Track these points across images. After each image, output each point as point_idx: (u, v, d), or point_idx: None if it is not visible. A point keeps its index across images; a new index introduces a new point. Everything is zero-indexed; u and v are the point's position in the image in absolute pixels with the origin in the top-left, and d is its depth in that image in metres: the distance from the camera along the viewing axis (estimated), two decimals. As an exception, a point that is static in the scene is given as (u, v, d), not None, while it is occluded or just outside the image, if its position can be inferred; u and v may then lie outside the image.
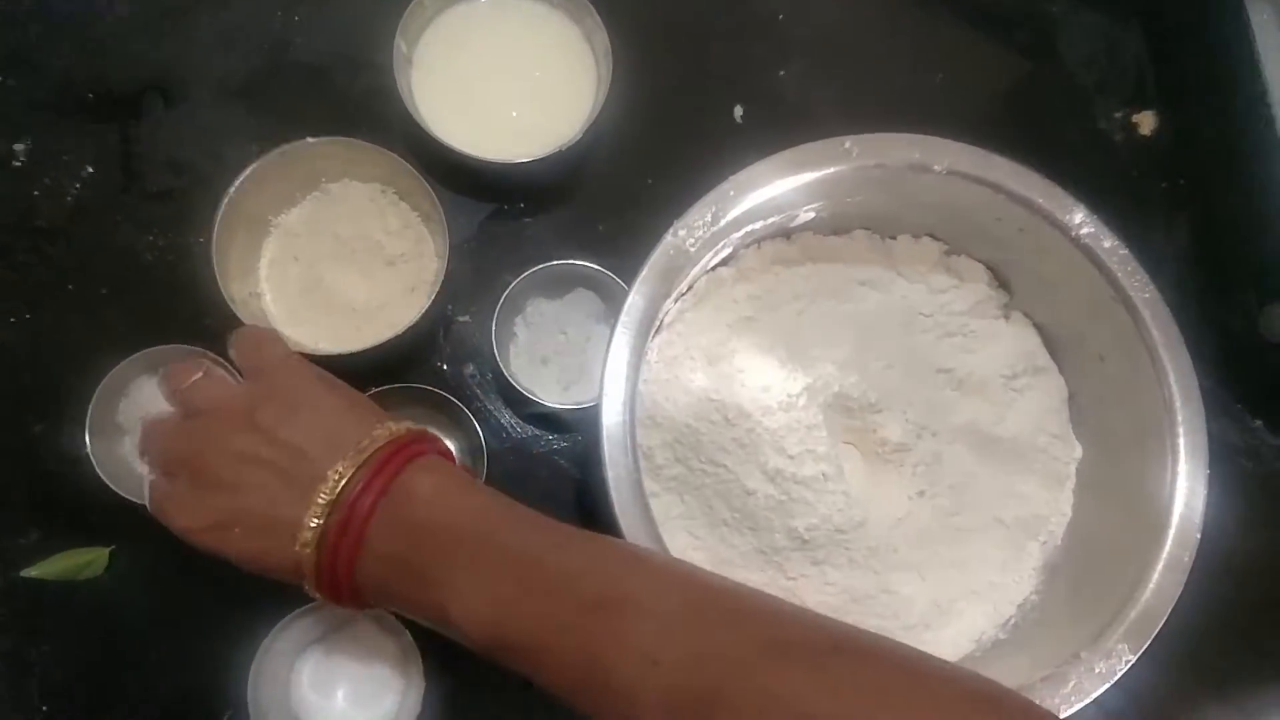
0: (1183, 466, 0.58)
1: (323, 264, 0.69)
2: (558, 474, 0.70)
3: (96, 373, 0.68)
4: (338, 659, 0.64)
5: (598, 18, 0.70)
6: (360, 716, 0.63)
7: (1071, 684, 0.54)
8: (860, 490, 0.65)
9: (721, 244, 0.62)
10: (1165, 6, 0.83)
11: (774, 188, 0.59)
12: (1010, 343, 0.68)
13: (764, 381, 0.65)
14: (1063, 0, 0.83)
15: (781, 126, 0.76)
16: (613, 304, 0.70)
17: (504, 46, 0.73)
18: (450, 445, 0.68)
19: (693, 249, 0.58)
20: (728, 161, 0.62)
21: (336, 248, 0.69)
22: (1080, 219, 0.60)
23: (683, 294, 0.65)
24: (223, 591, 0.62)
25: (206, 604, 0.62)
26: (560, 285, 0.70)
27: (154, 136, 0.72)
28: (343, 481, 0.48)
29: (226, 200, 0.64)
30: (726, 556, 0.63)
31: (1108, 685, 0.54)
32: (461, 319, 0.71)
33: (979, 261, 0.68)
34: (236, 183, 0.64)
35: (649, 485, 0.61)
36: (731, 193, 0.59)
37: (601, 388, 0.55)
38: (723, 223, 0.59)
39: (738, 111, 0.77)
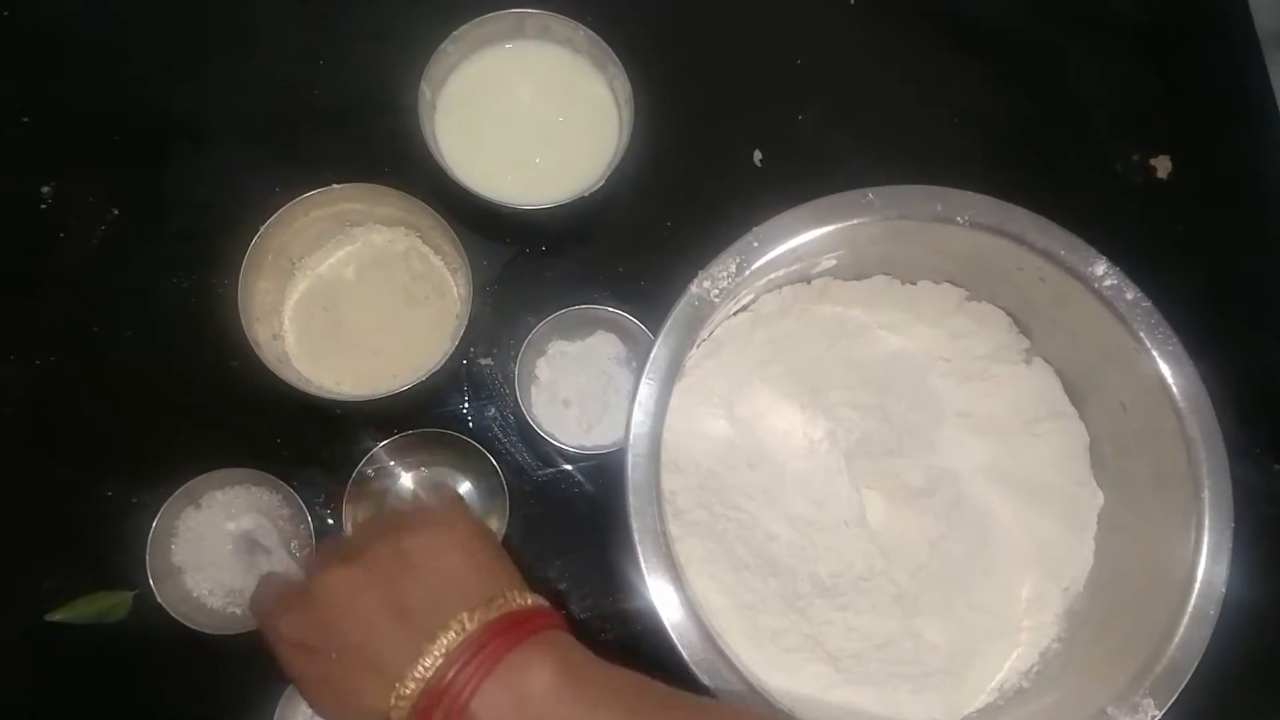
0: (1208, 519, 0.58)
1: (346, 307, 0.69)
2: (580, 517, 0.70)
3: (121, 416, 0.69)
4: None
5: (620, 65, 0.70)
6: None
7: None
8: (883, 535, 0.65)
9: (744, 291, 0.62)
10: (1180, 49, 0.83)
11: (797, 239, 0.60)
12: (1031, 387, 0.68)
13: (785, 426, 0.65)
14: (1079, 42, 0.83)
15: (800, 170, 0.77)
16: (633, 346, 0.70)
17: (527, 92, 0.73)
18: (470, 487, 0.69)
19: (716, 299, 0.59)
20: (747, 205, 0.63)
21: (360, 291, 0.69)
22: (1103, 271, 0.61)
23: (703, 340, 0.65)
24: (245, 637, 0.62)
25: (229, 649, 0.62)
26: (582, 328, 0.70)
27: (179, 179, 0.73)
28: (434, 666, 0.44)
29: (253, 242, 0.64)
30: (749, 601, 0.63)
31: None
32: (484, 361, 0.72)
33: (1000, 308, 0.68)
34: (264, 226, 0.65)
35: (673, 529, 0.62)
36: (755, 244, 0.60)
37: (627, 436, 0.56)
38: (747, 273, 0.59)
39: (757, 156, 0.78)
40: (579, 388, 0.70)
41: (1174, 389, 0.60)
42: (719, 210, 0.74)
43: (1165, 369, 0.60)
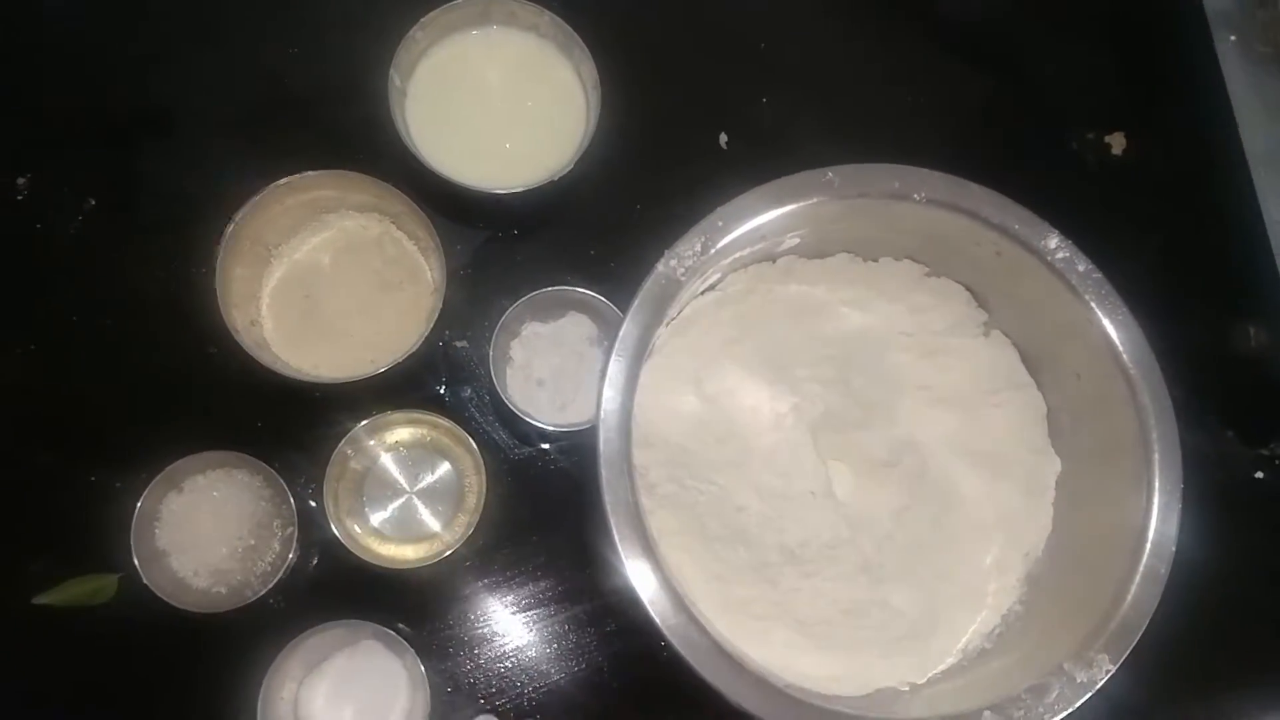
0: (1158, 482, 0.61)
1: (322, 292, 0.70)
2: (556, 493, 0.72)
3: (103, 403, 0.70)
4: (345, 679, 0.65)
5: (586, 50, 0.72)
6: (367, 733, 0.64)
7: (1055, 694, 0.57)
8: (849, 506, 0.67)
9: (710, 270, 0.64)
10: (1132, 31, 0.86)
11: (760, 218, 0.62)
12: (989, 360, 0.70)
13: (753, 402, 0.67)
14: (1036, 24, 0.85)
15: (765, 152, 0.78)
16: (605, 327, 0.72)
17: (496, 78, 0.75)
18: (448, 466, 0.70)
19: (683, 277, 0.60)
20: (713, 187, 0.64)
21: (335, 276, 0.71)
22: (1055, 244, 0.63)
23: (672, 319, 0.67)
24: (232, 615, 0.63)
25: (215, 627, 0.63)
26: (554, 309, 0.72)
27: (154, 169, 0.74)
28: None
29: (230, 230, 0.66)
30: (719, 571, 0.64)
31: (1089, 694, 0.57)
32: (459, 344, 0.73)
33: (958, 283, 0.70)
34: (239, 213, 0.66)
35: (644, 503, 0.63)
36: (720, 223, 0.61)
37: (598, 413, 0.57)
38: (712, 251, 0.61)
39: (722, 138, 0.79)
40: (552, 368, 0.71)
41: (1124, 356, 0.62)
42: (686, 192, 0.75)
43: (1116, 337, 0.62)
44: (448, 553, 0.65)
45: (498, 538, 0.70)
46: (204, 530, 0.66)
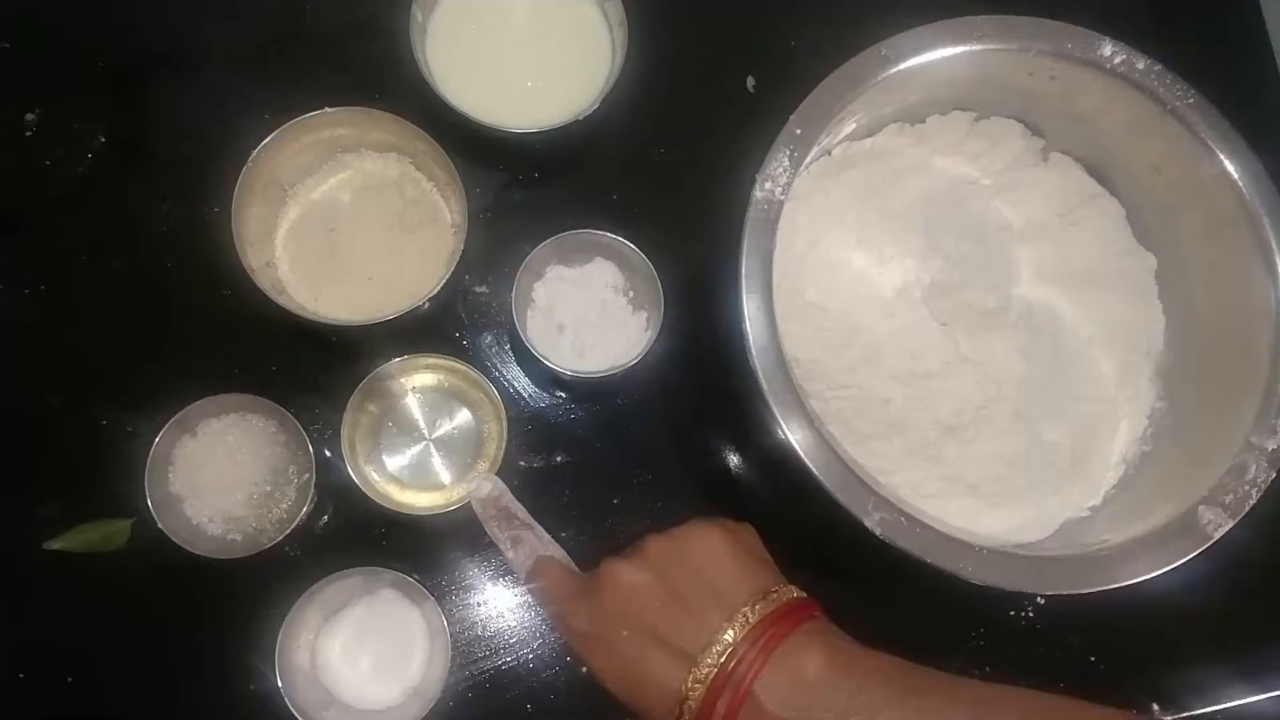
0: (1273, 241, 0.61)
1: (339, 233, 0.69)
2: (577, 442, 0.70)
3: (113, 345, 0.68)
4: (364, 627, 0.64)
5: (612, -13, 0.70)
6: (387, 682, 0.63)
7: (1254, 468, 0.58)
8: (982, 361, 0.68)
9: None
10: None
11: (832, 115, 0.61)
12: (1056, 182, 0.71)
13: (861, 294, 0.68)
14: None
15: (791, 93, 0.75)
16: (631, 274, 0.70)
17: (519, 15, 0.72)
18: (470, 416, 0.69)
19: (781, 196, 0.60)
20: (739, 131, 0.63)
21: (353, 217, 0.69)
22: (1110, 50, 0.63)
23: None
24: (248, 561, 0.62)
25: (231, 574, 0.62)
26: (579, 254, 0.70)
27: (167, 105, 0.72)
28: (725, 652, 0.48)
29: (245, 168, 0.64)
30: (881, 466, 0.65)
31: None
32: (479, 289, 0.71)
33: (1008, 118, 0.70)
34: (255, 151, 0.64)
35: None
36: (799, 131, 0.60)
37: (750, 353, 0.56)
38: (800, 163, 0.60)
39: (750, 82, 0.77)
40: (574, 313, 0.70)
41: (1206, 136, 0.62)
42: (712, 137, 0.74)
43: (1194, 118, 0.62)
44: (465, 500, 0.64)
45: (518, 486, 0.69)
46: (219, 476, 0.64)
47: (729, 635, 0.48)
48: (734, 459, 0.72)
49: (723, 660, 0.48)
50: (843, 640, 0.50)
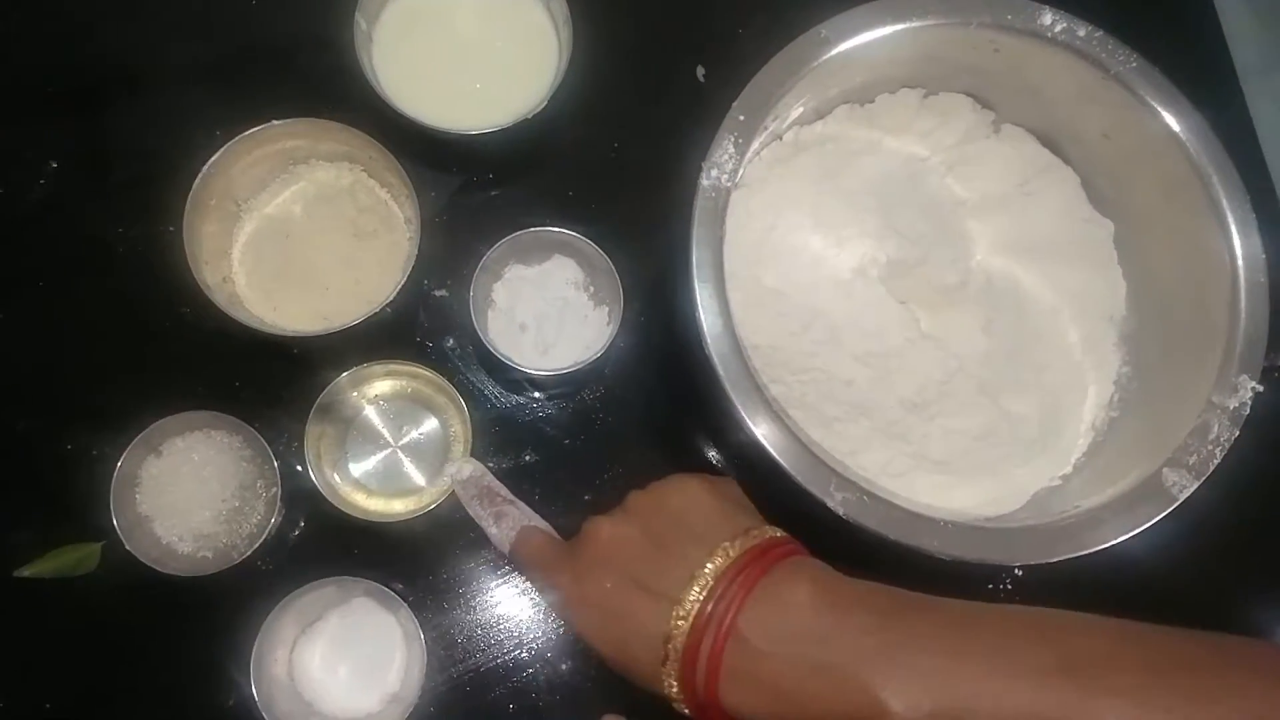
0: (1225, 202, 0.61)
1: (295, 245, 0.69)
2: (546, 441, 0.70)
3: (76, 368, 0.68)
4: (340, 636, 0.64)
5: (555, -16, 0.70)
6: (366, 690, 0.63)
7: (1216, 428, 0.58)
8: (943, 337, 0.68)
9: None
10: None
11: (775, 99, 0.61)
12: (1009, 153, 0.71)
13: (816, 277, 0.68)
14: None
15: (741, 81, 0.75)
16: (589, 269, 0.70)
17: (464, 18, 0.72)
18: (435, 421, 0.69)
19: (728, 183, 0.59)
20: (691, 121, 0.63)
21: (308, 227, 0.69)
22: (1050, 19, 0.63)
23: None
24: (220, 577, 0.62)
25: (204, 590, 0.62)
26: (537, 252, 0.70)
27: (118, 126, 0.72)
28: (706, 588, 0.47)
29: (195, 186, 0.64)
30: (849, 448, 0.65)
31: (1244, 417, 0.58)
32: (438, 293, 0.71)
33: (958, 93, 0.70)
34: (204, 168, 0.64)
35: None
36: (742, 118, 0.60)
37: (705, 342, 0.56)
38: (748, 150, 0.60)
39: (700, 72, 0.77)
40: (536, 311, 0.70)
41: (1151, 98, 0.62)
42: (664, 129, 0.74)
43: (1138, 81, 0.62)
44: (435, 504, 0.64)
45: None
46: (186, 494, 0.64)
47: (709, 569, 0.48)
48: (703, 447, 0.72)
49: (703, 596, 0.47)
50: (827, 572, 0.49)
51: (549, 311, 0.70)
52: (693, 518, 0.51)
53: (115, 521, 0.62)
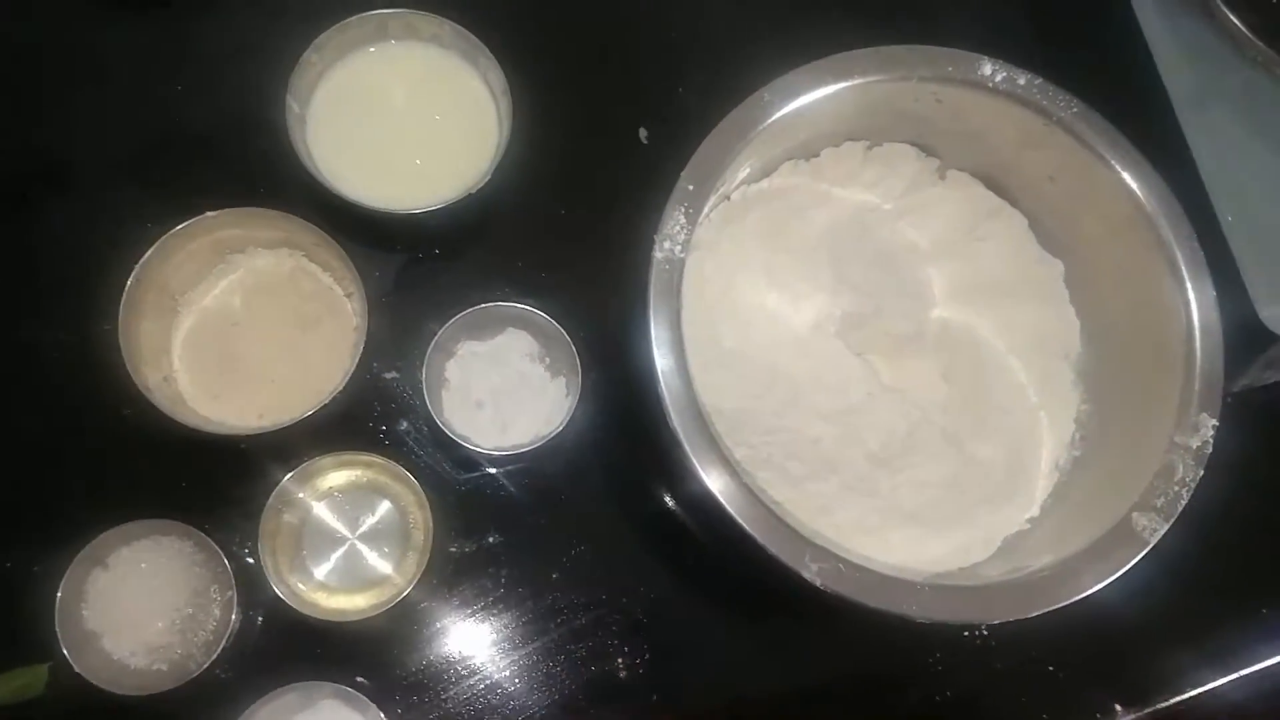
0: (1171, 237, 0.62)
1: (237, 338, 0.67)
2: (509, 521, 0.69)
3: (12, 481, 0.66)
4: (307, 745, 0.61)
5: (491, 56, 0.69)
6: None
7: (1181, 469, 0.58)
8: (905, 389, 0.68)
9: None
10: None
11: (723, 165, 0.61)
12: (957, 199, 0.71)
13: (775, 338, 0.68)
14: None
15: (685, 141, 0.75)
16: (545, 341, 0.69)
17: (399, 94, 0.71)
18: (390, 505, 0.66)
19: (681, 253, 0.59)
20: (637, 183, 0.62)
21: (249, 319, 0.67)
22: (990, 69, 0.64)
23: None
24: (176, 694, 0.59)
25: (160, 710, 0.59)
26: (489, 327, 0.69)
27: (45, 227, 0.70)
28: None
29: (129, 284, 0.62)
30: (822, 505, 0.64)
31: (1207, 456, 0.58)
32: (389, 375, 0.69)
33: (902, 143, 0.70)
34: (137, 266, 0.62)
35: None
36: (691, 187, 0.60)
37: (669, 413, 0.56)
38: (696, 217, 0.60)
39: (642, 133, 0.77)
40: (492, 387, 0.68)
41: (1094, 143, 0.63)
42: (610, 191, 0.74)
43: (1081, 126, 0.63)
44: (400, 597, 0.62)
45: (453, 573, 0.67)
46: (136, 606, 0.61)
47: None
48: (671, 515, 0.71)
49: None
50: None
51: (505, 387, 0.68)
52: None
53: (61, 641, 0.59)
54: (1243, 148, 0.73)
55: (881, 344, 0.69)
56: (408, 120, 0.71)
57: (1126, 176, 0.63)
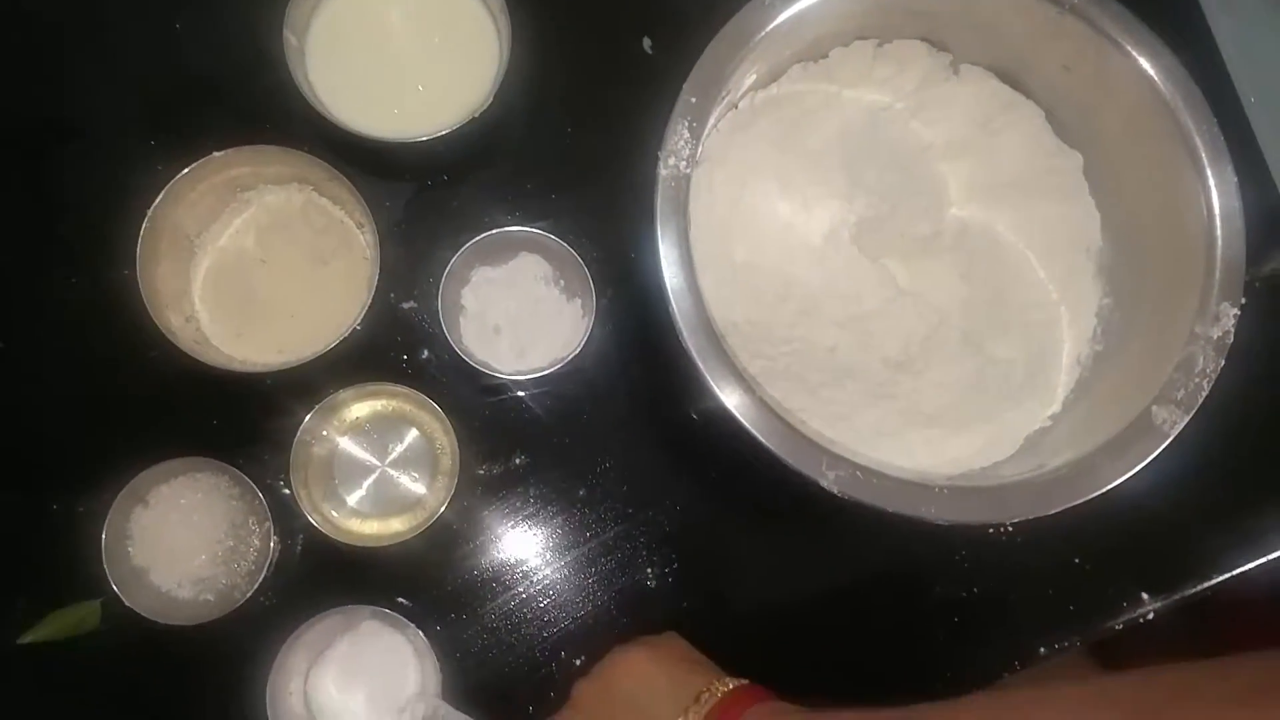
0: (1192, 125, 0.60)
1: (255, 275, 0.67)
2: (533, 442, 0.70)
3: (49, 429, 0.68)
4: (351, 665, 0.63)
5: (487, -27, 0.67)
6: (384, 712, 0.63)
7: (1201, 360, 0.57)
8: (922, 291, 0.68)
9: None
10: None
11: (726, 74, 0.60)
12: (970, 94, 0.70)
13: (790, 245, 0.67)
14: None
15: (691, 49, 0.73)
16: (557, 263, 0.69)
17: (397, 19, 0.70)
18: (418, 434, 0.68)
19: (687, 169, 0.58)
20: (643, 96, 0.61)
21: (265, 256, 0.68)
22: None
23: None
24: (223, 623, 0.62)
25: (209, 638, 0.62)
26: (503, 252, 0.69)
27: (58, 177, 0.70)
28: None
29: (144, 228, 0.62)
30: (839, 411, 0.64)
31: (1228, 346, 0.57)
32: (406, 305, 0.70)
33: (912, 40, 0.69)
34: (150, 209, 0.62)
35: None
36: (694, 100, 0.59)
37: (679, 328, 0.56)
38: (703, 131, 0.59)
39: (646, 43, 0.75)
40: (508, 313, 0.69)
41: (1109, 29, 0.61)
42: (616, 107, 0.73)
43: (1094, 12, 0.61)
44: (432, 520, 0.63)
45: (483, 494, 0.69)
46: (178, 541, 0.64)
47: None
48: (693, 429, 0.71)
49: None
50: (794, 714, 0.50)
51: (521, 311, 0.69)
52: (643, 698, 0.52)
53: (110, 577, 0.61)
54: (1269, 24, 0.70)
55: (898, 247, 0.69)
56: (407, 46, 0.70)
57: (1143, 62, 0.61)
